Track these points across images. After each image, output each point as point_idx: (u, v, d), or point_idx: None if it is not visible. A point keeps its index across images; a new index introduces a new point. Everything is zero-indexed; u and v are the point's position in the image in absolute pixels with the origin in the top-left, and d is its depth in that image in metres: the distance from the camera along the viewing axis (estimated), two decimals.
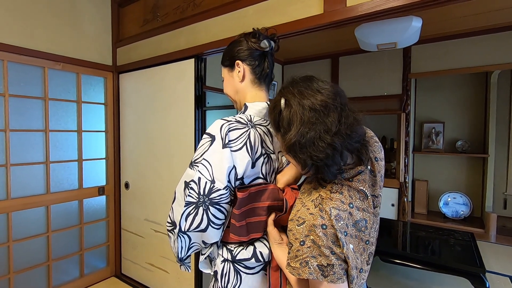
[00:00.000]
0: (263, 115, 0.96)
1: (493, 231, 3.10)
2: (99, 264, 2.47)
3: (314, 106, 0.68)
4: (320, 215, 0.68)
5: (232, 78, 1.01)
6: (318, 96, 0.69)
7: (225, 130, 0.85)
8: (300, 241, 0.68)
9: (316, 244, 0.66)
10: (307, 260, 0.67)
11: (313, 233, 0.67)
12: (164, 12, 2.09)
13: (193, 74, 1.92)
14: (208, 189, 0.82)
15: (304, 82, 0.73)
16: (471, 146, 3.51)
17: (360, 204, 0.74)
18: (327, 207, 0.69)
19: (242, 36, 1.00)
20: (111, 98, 2.46)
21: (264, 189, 0.88)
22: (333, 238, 0.67)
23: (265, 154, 0.91)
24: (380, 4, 1.23)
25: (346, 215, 0.70)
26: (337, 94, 0.71)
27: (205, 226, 0.83)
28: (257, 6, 1.61)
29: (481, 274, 1.77)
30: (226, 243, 0.92)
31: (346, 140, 0.68)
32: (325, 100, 0.68)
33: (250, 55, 0.96)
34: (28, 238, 2.01)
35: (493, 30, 2.67)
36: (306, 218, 0.70)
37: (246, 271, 0.90)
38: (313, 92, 0.70)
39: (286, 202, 0.89)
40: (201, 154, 0.85)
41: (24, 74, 1.97)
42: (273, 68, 1.03)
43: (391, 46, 2.15)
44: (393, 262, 2.01)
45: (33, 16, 1.97)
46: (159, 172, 2.17)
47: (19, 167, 1.96)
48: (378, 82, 3.21)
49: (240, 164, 0.85)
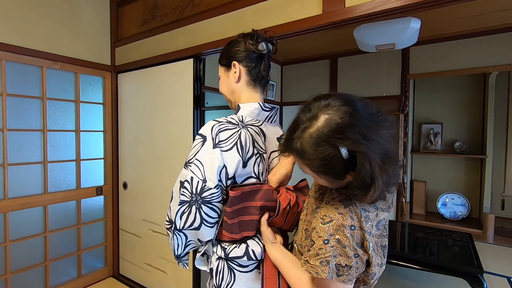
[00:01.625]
0: (255, 115, 0.97)
1: (491, 232, 3.10)
2: (97, 264, 2.46)
3: (389, 152, 0.63)
4: (350, 215, 0.67)
5: (228, 78, 1.01)
6: (384, 132, 0.62)
7: (215, 131, 0.86)
8: (324, 240, 0.67)
9: (341, 244, 0.65)
10: (328, 260, 0.65)
11: (340, 233, 0.66)
12: (163, 12, 2.09)
13: (192, 74, 1.91)
14: (200, 188, 0.83)
15: (353, 115, 0.62)
16: (469, 147, 3.52)
17: (383, 205, 0.75)
18: (357, 209, 0.68)
19: (241, 36, 1.00)
20: (110, 98, 2.45)
21: (258, 189, 0.90)
22: (360, 240, 0.67)
23: (257, 154, 0.92)
24: (378, 5, 1.23)
25: (374, 216, 0.70)
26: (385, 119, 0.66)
27: (198, 224, 0.85)
28: (256, 6, 1.61)
29: (479, 275, 1.78)
30: (220, 241, 0.93)
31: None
32: (393, 133, 0.65)
33: (247, 57, 0.97)
34: (25, 238, 2.00)
35: (491, 32, 2.68)
36: (334, 217, 0.68)
37: (240, 269, 0.91)
38: (377, 128, 0.62)
39: (279, 204, 0.90)
40: (194, 155, 0.87)
41: (22, 74, 1.96)
42: (269, 70, 1.03)
43: (389, 47, 2.15)
44: (391, 262, 2.02)
45: (32, 16, 1.96)
46: (157, 172, 2.16)
47: (16, 167, 1.95)
48: (376, 83, 3.21)
49: (231, 163, 0.86)
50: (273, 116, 1.02)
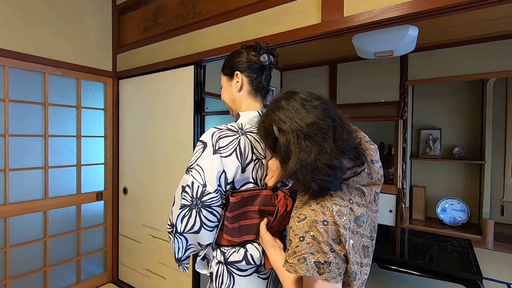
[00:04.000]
0: (254, 123, 1.01)
1: (490, 237, 3.10)
2: (96, 270, 2.45)
3: (309, 132, 0.68)
4: (321, 211, 0.69)
5: (230, 87, 1.05)
6: (308, 119, 0.69)
7: (215, 138, 0.90)
8: (300, 237, 0.69)
9: (316, 240, 0.67)
10: (305, 257, 0.67)
11: (313, 229, 0.68)
12: (165, 20, 2.12)
13: (193, 80, 1.94)
14: (200, 193, 0.86)
15: (290, 103, 0.73)
16: (468, 152, 3.53)
17: (359, 200, 0.75)
18: (328, 204, 0.70)
19: (244, 48, 1.04)
20: (111, 104, 2.47)
21: (257, 194, 0.93)
22: (334, 235, 0.68)
23: (256, 160, 0.95)
24: (376, 15, 1.25)
25: (347, 210, 0.71)
26: (326, 109, 0.71)
27: (198, 227, 0.87)
28: (256, 15, 1.63)
29: (478, 281, 1.78)
30: (220, 245, 0.96)
31: (345, 153, 0.70)
32: (316, 121, 0.69)
33: (249, 68, 1.01)
34: (25, 244, 2.01)
35: (488, 39, 2.71)
36: (307, 214, 0.70)
37: (239, 273, 0.93)
38: (302, 114, 0.70)
39: (278, 210, 0.94)
40: (195, 160, 0.90)
41: (25, 80, 1.98)
42: (269, 80, 1.07)
43: (388, 54, 2.18)
44: (390, 268, 2.02)
45: (35, 23, 1.99)
46: (157, 178, 2.17)
47: (17, 172, 1.96)
48: (375, 89, 3.24)
49: (230, 169, 0.89)
50: None
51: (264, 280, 0.97)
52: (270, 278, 1.00)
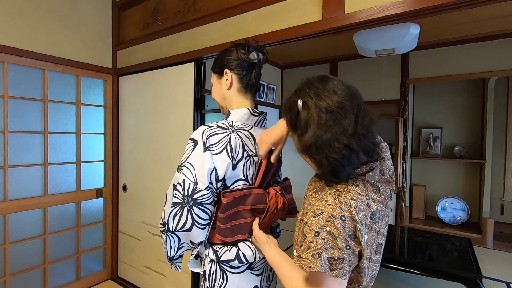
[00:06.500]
0: (244, 120, 1.01)
1: (490, 236, 3.10)
2: (96, 267, 2.46)
3: (331, 108, 0.68)
4: (339, 206, 0.68)
5: (220, 85, 1.05)
6: (334, 98, 0.69)
7: (206, 135, 0.90)
8: (315, 232, 0.67)
9: (332, 236, 0.66)
10: (319, 252, 0.66)
11: (330, 224, 0.67)
12: (165, 16, 2.11)
13: (193, 77, 1.93)
14: (191, 190, 0.87)
15: (320, 82, 0.74)
16: (468, 151, 3.53)
17: (375, 196, 0.75)
18: (346, 199, 0.69)
19: (233, 46, 1.05)
20: (111, 101, 2.47)
21: (248, 193, 0.94)
22: (351, 230, 0.67)
23: (247, 157, 0.96)
24: (378, 12, 1.24)
25: (364, 206, 0.70)
26: (353, 95, 0.72)
27: (190, 225, 0.87)
28: (256, 12, 1.62)
29: (478, 280, 1.78)
30: (212, 244, 0.96)
31: (362, 141, 0.69)
32: (341, 101, 0.69)
33: (238, 65, 1.01)
34: (24, 240, 2.00)
35: (490, 38, 2.70)
36: (324, 209, 0.69)
37: (232, 270, 0.94)
38: (329, 93, 0.70)
39: (268, 208, 0.96)
40: (186, 158, 0.91)
41: (24, 76, 1.98)
42: (259, 78, 1.08)
43: (389, 52, 2.17)
44: (390, 267, 2.02)
45: (35, 19, 1.98)
46: (157, 175, 2.17)
47: (17, 168, 1.95)
48: (376, 87, 3.23)
49: (221, 166, 0.90)
50: (262, 121, 1.07)
51: (257, 276, 0.98)
52: (264, 274, 1.00)
